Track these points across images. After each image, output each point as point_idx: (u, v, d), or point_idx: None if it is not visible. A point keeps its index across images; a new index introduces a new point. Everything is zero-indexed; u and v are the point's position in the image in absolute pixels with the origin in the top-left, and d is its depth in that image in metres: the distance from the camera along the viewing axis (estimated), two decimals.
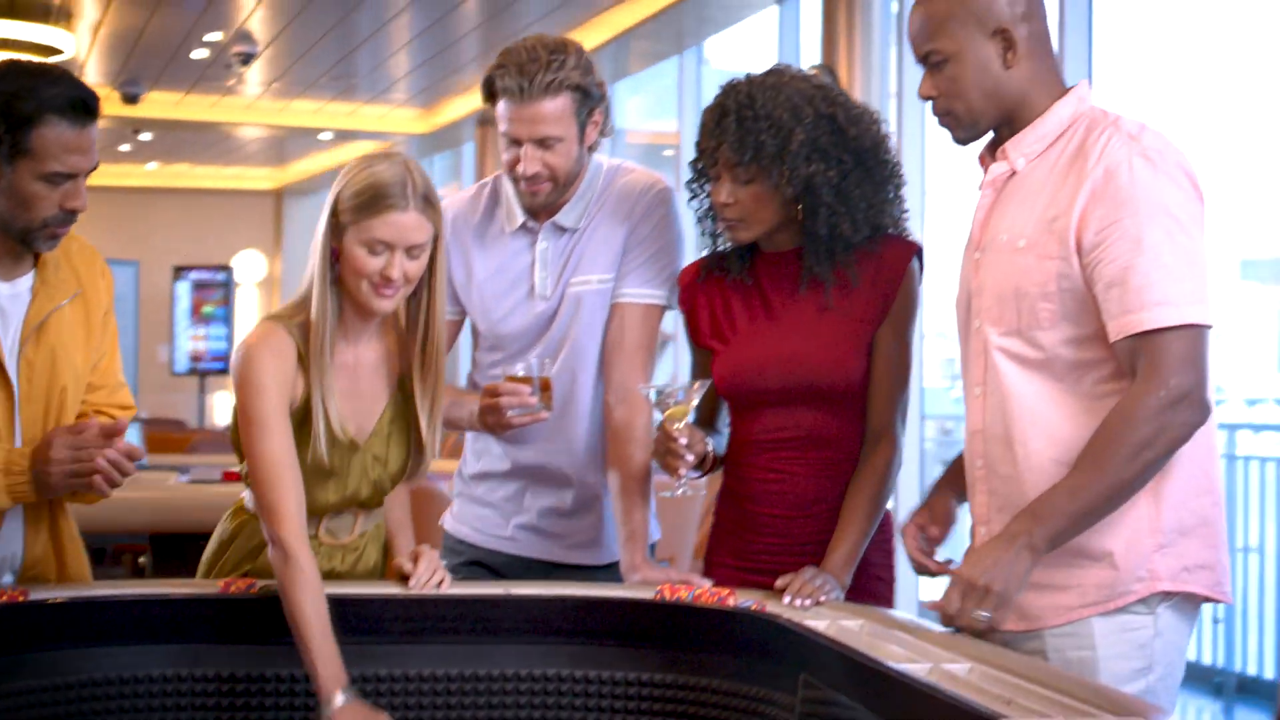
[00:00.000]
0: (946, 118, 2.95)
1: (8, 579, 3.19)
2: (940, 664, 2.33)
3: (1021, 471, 2.83)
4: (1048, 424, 2.81)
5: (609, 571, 3.60)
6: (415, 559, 3.14)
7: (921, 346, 3.05)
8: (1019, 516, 2.70)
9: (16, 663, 2.87)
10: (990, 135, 3.00)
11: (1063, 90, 2.93)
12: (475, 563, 3.66)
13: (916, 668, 2.32)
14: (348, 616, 2.97)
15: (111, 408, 3.35)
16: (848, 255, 3.22)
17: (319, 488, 3.08)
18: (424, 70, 13.06)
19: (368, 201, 2.98)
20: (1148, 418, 2.64)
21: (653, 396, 3.13)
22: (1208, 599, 2.83)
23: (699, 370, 3.41)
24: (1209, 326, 2.70)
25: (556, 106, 3.38)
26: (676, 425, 3.11)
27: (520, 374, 3.32)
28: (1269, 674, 7.83)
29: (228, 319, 18.54)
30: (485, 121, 13.83)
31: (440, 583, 3.10)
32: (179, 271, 18.30)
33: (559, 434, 3.57)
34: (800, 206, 3.21)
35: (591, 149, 3.55)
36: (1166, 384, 2.63)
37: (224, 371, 18.07)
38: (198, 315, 18.44)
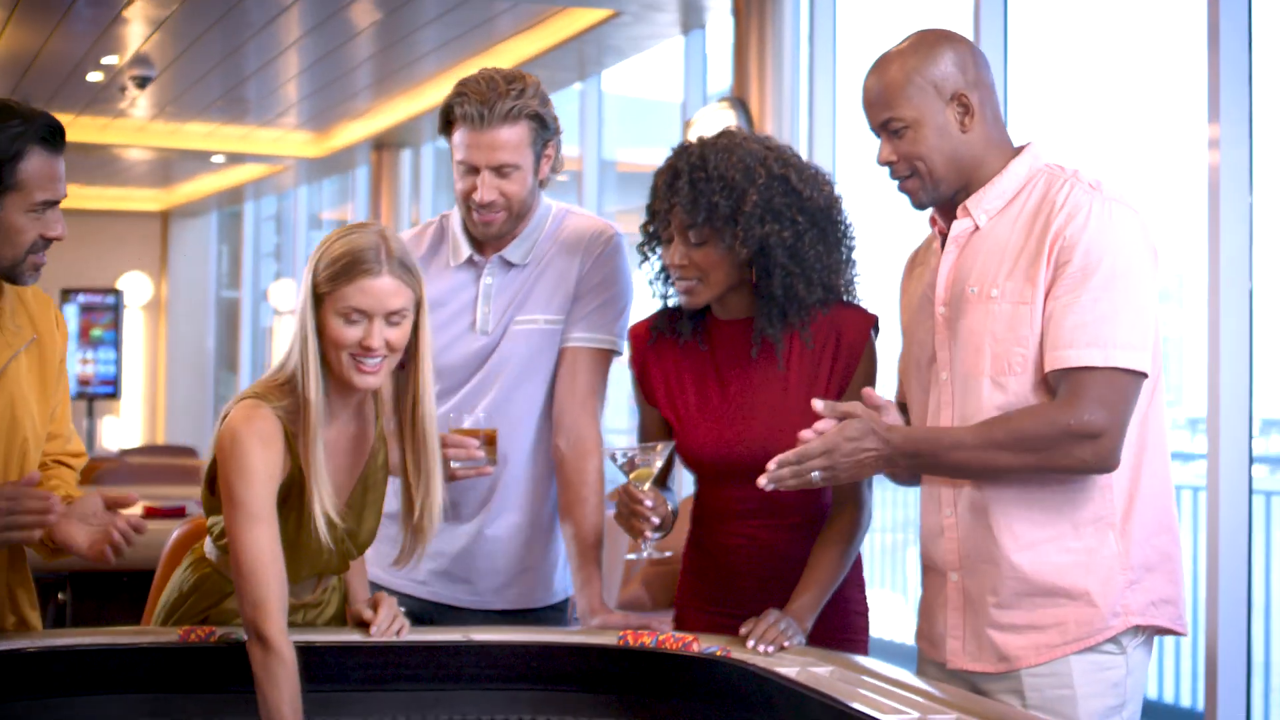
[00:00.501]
0: (909, 181, 3.01)
1: None
2: (927, 715, 2.36)
3: (993, 518, 2.93)
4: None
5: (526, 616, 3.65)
6: (375, 606, 3.14)
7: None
8: (895, 431, 2.88)
9: None
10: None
11: (1014, 149, 3.03)
12: None
13: (902, 719, 2.35)
14: (310, 665, 2.96)
15: (66, 456, 3.34)
16: (802, 317, 3.26)
17: (291, 564, 3.02)
18: (317, 96, 12.97)
19: (342, 270, 2.96)
20: (1052, 428, 2.78)
21: (620, 460, 3.15)
22: (1171, 632, 2.92)
23: (651, 428, 3.43)
24: (1140, 374, 2.81)
25: (515, 134, 3.41)
26: (641, 488, 3.14)
27: (467, 426, 3.33)
28: None
29: (116, 343, 18.26)
30: (380, 146, 13.81)
31: (400, 630, 3.10)
32: (66, 294, 18.05)
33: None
34: (753, 269, 3.25)
35: (543, 184, 3.58)
36: (1080, 416, 2.75)
37: (113, 396, 17.85)
38: (86, 339, 18.14)
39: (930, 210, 3.11)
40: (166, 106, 13.43)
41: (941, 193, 3.01)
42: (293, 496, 3.01)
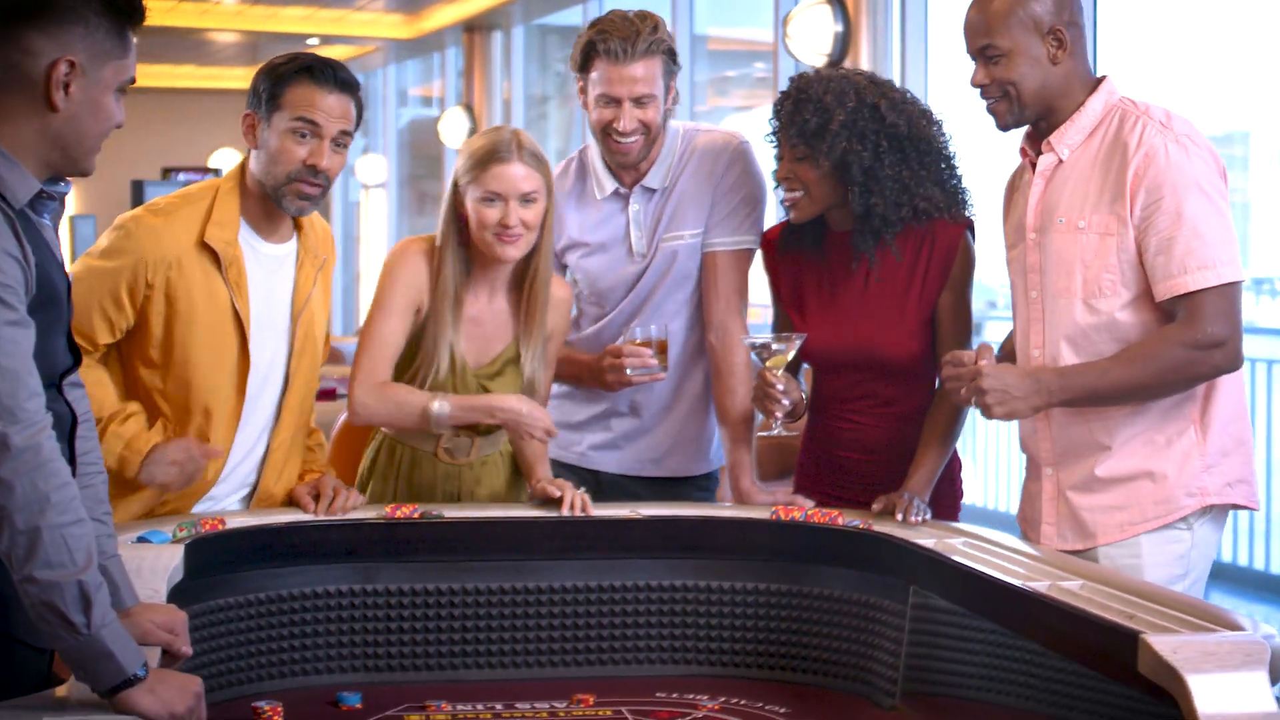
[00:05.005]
0: (998, 104, 3.35)
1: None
2: (1057, 581, 2.74)
3: (1086, 417, 3.31)
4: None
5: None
6: (561, 489, 3.55)
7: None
8: (1049, 371, 3.23)
9: (215, 582, 3.24)
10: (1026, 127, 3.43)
11: (1094, 84, 3.36)
12: None
13: (1038, 585, 2.74)
14: (500, 536, 3.45)
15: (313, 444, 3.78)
16: (888, 230, 3.62)
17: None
18: None
19: (479, 161, 3.55)
20: (1184, 349, 3.14)
21: (753, 348, 3.55)
22: (1244, 507, 3.34)
23: (781, 321, 3.84)
24: (1241, 282, 3.19)
25: (652, 68, 3.79)
26: (775, 373, 3.54)
27: (640, 338, 3.74)
28: None
29: None
30: (471, 29, 14.04)
31: (585, 506, 3.52)
32: (166, 173, 18.44)
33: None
34: (848, 188, 3.62)
35: (668, 114, 3.93)
36: (1205, 330, 3.13)
37: None
38: None
39: (1021, 141, 3.46)
40: None
41: (1026, 117, 3.36)
42: (426, 341, 3.63)
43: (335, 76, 3.36)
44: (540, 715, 3.11)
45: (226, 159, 19.77)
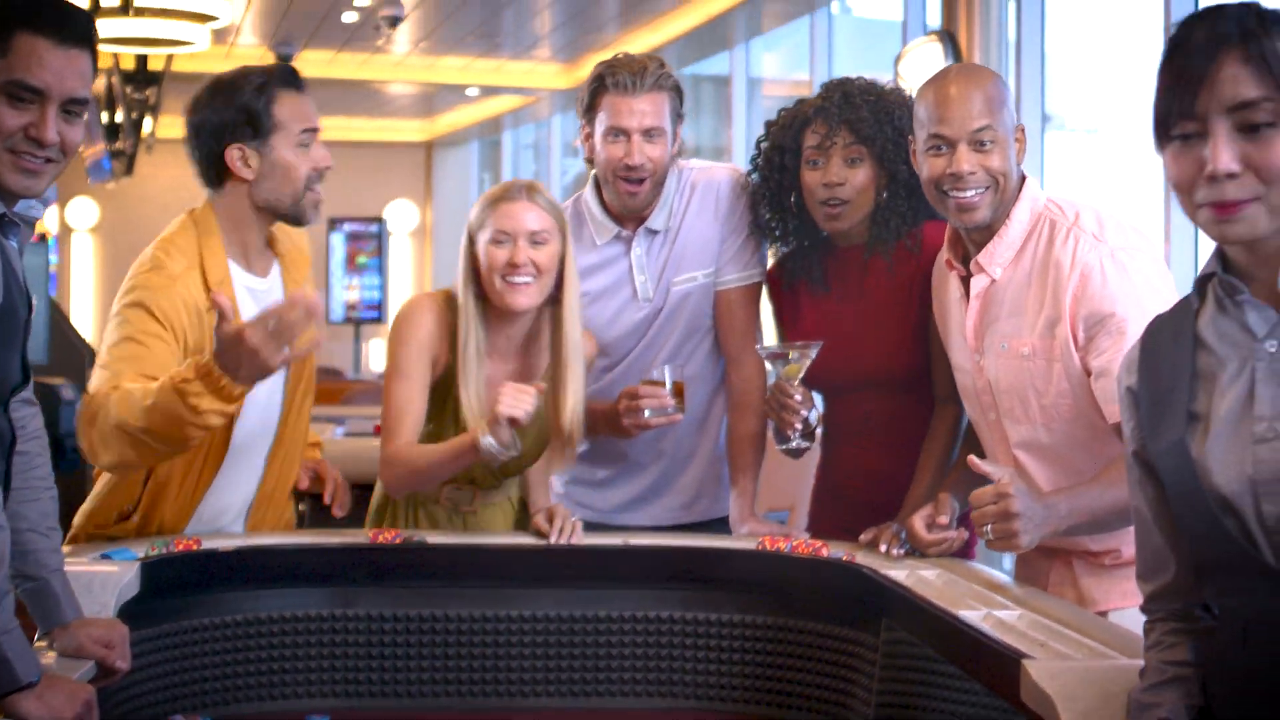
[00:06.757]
0: (982, 194, 3.12)
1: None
2: (993, 610, 2.62)
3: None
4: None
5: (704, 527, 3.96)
6: (549, 517, 3.47)
7: None
8: (1056, 496, 2.92)
9: (191, 602, 3.24)
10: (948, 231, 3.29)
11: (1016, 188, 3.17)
12: None
13: (972, 614, 2.62)
14: (486, 563, 3.39)
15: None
16: (906, 228, 3.57)
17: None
18: (566, 27, 13.32)
19: (489, 202, 3.50)
20: None
21: (768, 358, 3.45)
22: None
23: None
24: None
25: (661, 101, 3.73)
26: (791, 383, 3.44)
27: (656, 378, 3.63)
28: None
29: (381, 269, 19.00)
30: None
31: (573, 534, 3.44)
32: (333, 223, 18.78)
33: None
34: (885, 191, 3.55)
35: (674, 159, 3.84)
36: None
37: (379, 320, 18.56)
38: (352, 265, 18.91)
39: (945, 251, 3.32)
40: (421, 42, 13.91)
41: (997, 215, 3.15)
42: (451, 395, 3.48)
43: None
44: None
45: (400, 210, 20.08)
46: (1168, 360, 2.06)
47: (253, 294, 3.41)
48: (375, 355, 18.98)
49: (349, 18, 12.50)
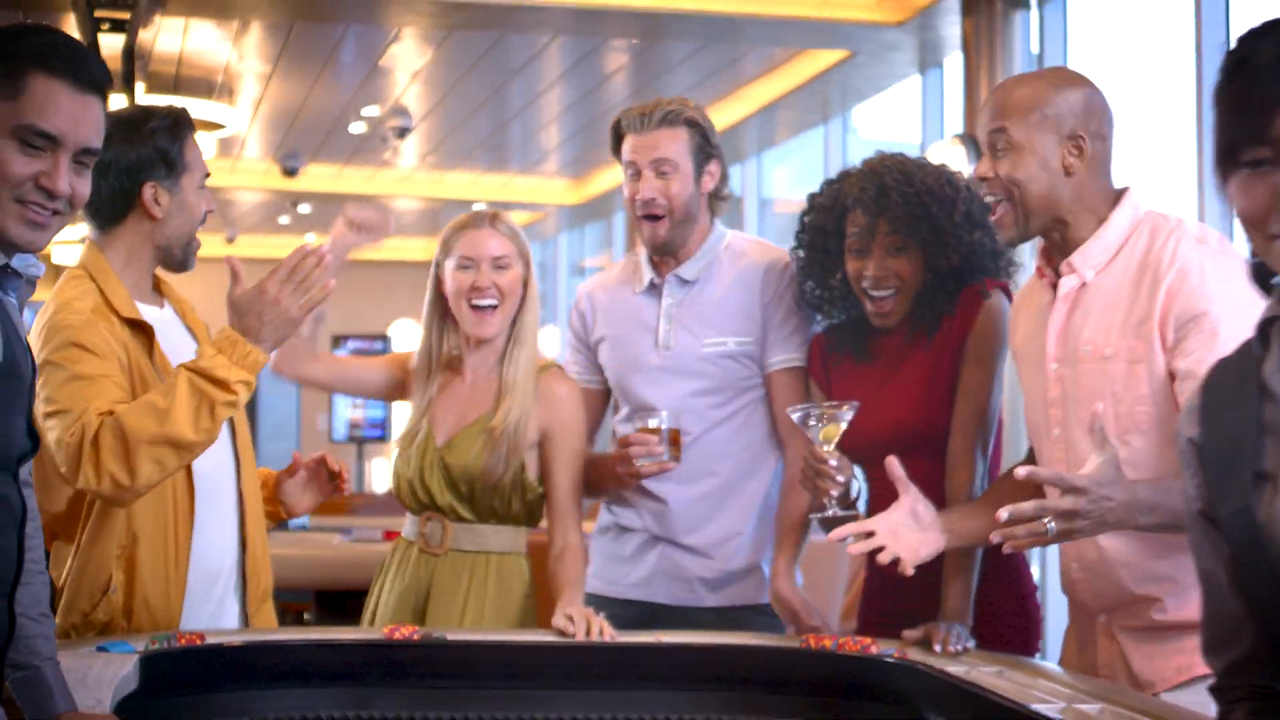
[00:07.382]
0: (1001, 205, 3.00)
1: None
2: (1072, 704, 2.41)
3: (1106, 556, 2.97)
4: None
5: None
6: (572, 618, 3.28)
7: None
8: (1141, 485, 2.72)
9: (193, 701, 3.03)
10: (1040, 241, 3.10)
11: (1115, 197, 3.01)
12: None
13: (1049, 708, 2.41)
14: (508, 661, 3.18)
15: None
16: (953, 300, 3.44)
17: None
18: (574, 142, 13.30)
19: (452, 233, 3.67)
20: None
21: (802, 422, 3.24)
22: None
23: None
24: None
25: (673, 135, 3.75)
26: (826, 448, 3.23)
27: (651, 426, 3.53)
28: None
29: None
30: None
31: (600, 631, 3.24)
32: (337, 341, 18.66)
33: (692, 477, 3.77)
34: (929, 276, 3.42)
35: (711, 207, 3.83)
36: None
37: (382, 439, 18.40)
38: None
39: (1037, 258, 3.14)
40: (428, 155, 13.86)
41: (1030, 229, 3.01)
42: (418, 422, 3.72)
43: None
44: None
45: (404, 329, 19.96)
46: (1232, 412, 1.87)
47: (160, 323, 3.34)
48: (378, 474, 18.80)
49: (356, 128, 12.44)
